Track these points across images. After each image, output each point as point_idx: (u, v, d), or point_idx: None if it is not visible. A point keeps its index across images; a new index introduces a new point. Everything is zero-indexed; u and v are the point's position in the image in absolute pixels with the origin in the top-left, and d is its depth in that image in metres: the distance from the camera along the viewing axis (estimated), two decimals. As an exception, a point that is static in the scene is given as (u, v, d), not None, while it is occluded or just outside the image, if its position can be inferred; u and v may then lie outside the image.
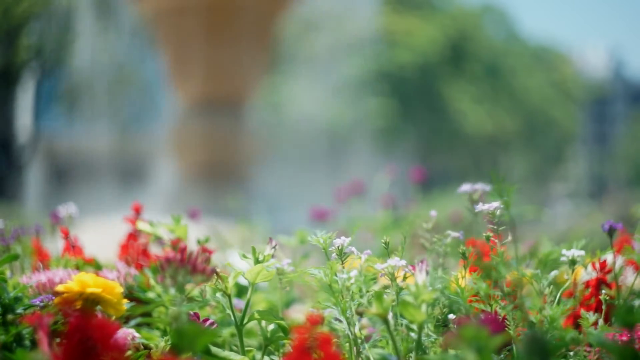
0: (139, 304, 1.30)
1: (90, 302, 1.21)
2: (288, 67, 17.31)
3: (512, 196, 1.22)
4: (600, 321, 1.27)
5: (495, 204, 1.24)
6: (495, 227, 1.25)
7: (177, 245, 1.41)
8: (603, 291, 1.33)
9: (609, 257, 1.46)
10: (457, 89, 21.69)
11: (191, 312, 1.24)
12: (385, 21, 19.00)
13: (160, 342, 1.26)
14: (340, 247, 1.25)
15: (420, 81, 21.30)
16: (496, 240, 1.24)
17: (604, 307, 1.29)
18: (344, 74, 17.19)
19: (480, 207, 1.26)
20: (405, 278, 1.20)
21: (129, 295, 1.35)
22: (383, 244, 1.31)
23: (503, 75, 23.35)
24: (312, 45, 16.93)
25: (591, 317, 1.19)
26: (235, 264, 1.30)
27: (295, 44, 16.53)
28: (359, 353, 1.18)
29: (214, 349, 1.19)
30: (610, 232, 1.45)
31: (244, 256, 1.25)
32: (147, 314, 1.38)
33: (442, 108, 21.60)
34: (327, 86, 17.09)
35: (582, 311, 1.19)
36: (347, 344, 1.20)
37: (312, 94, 17.72)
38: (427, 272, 1.11)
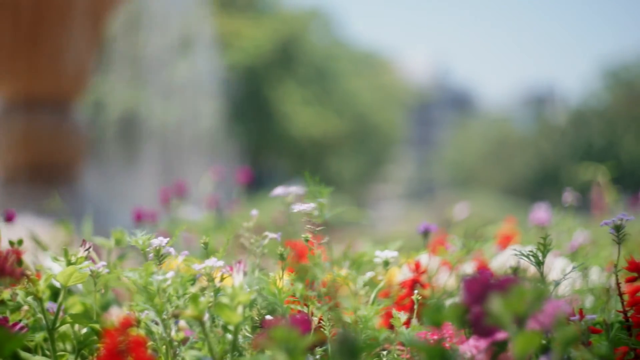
0: (-53, 308, 1.25)
1: None
2: (117, 67, 17.02)
3: (326, 198, 1.23)
4: (415, 320, 1.30)
5: (311, 204, 1.25)
6: (312, 228, 1.26)
7: (-14, 247, 1.36)
8: (416, 291, 1.36)
9: (424, 257, 1.50)
10: (286, 91, 21.82)
11: (0, 316, 1.20)
12: (214, 22, 18.95)
13: (-34, 348, 1.22)
14: (157, 248, 1.23)
15: (250, 83, 21.35)
16: (313, 242, 1.25)
17: (416, 306, 1.32)
18: (174, 74, 17.02)
19: (296, 207, 1.27)
20: (222, 279, 1.20)
21: None
22: (202, 245, 1.30)
23: (331, 79, 23.62)
24: (142, 44, 16.73)
25: (402, 316, 1.22)
26: (50, 266, 1.27)
27: (126, 43, 16.28)
28: (175, 355, 1.17)
29: (23, 354, 1.15)
30: (425, 233, 1.49)
31: (56, 259, 1.22)
32: (-44, 319, 1.33)
33: (271, 110, 21.71)
34: (157, 86, 16.89)
35: (394, 311, 1.21)
36: (164, 347, 1.19)
37: (142, 93, 17.50)
38: (245, 273, 1.10)
